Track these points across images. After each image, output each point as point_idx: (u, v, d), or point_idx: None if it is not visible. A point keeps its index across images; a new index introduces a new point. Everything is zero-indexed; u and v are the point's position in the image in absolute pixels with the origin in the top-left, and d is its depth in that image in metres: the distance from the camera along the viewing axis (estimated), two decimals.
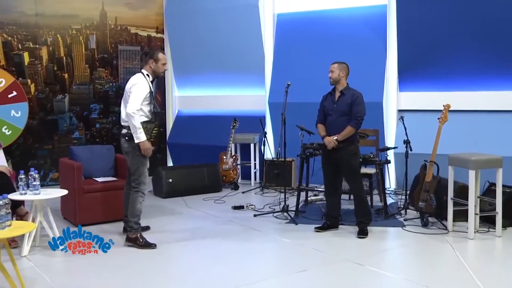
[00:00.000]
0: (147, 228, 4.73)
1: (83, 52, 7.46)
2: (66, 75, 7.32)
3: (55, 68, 7.24)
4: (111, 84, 7.66)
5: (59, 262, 3.93)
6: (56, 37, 7.22)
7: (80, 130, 7.47)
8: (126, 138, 4.22)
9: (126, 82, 4.26)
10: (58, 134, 7.29)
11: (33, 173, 4.01)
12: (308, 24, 7.05)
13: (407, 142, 5.27)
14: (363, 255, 4.08)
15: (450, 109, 4.92)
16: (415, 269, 3.80)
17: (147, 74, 4.29)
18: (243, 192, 6.60)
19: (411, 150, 5.24)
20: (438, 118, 4.89)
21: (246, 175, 7.18)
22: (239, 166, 6.99)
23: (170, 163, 8.08)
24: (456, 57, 5.99)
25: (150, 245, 4.18)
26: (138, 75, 4.28)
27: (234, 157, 6.95)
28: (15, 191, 4.31)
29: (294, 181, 6.70)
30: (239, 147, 7.30)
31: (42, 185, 4.39)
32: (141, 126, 4.08)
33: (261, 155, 7.16)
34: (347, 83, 4.61)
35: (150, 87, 4.23)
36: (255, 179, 7.15)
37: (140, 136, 4.09)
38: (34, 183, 3.99)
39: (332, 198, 4.78)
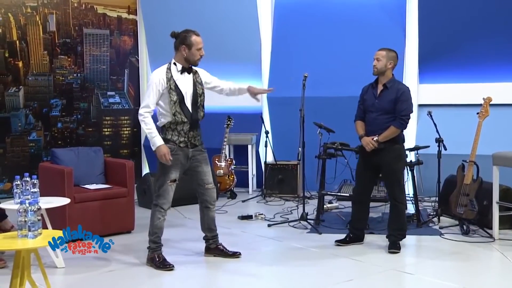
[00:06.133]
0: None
1: (41, 36, 7.43)
2: (20, 64, 7.28)
3: (7, 55, 7.19)
4: (75, 75, 7.60)
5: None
6: (7, 17, 7.16)
7: (38, 131, 7.43)
8: None
9: (93, 72, 4.29)
10: (11, 135, 7.22)
11: (32, 179, 4.06)
12: (313, 7, 7.29)
13: (439, 141, 5.65)
14: (408, 264, 4.44)
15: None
16: (471, 278, 4.15)
17: (174, 63, 4.34)
18: (243, 201, 6.83)
19: (445, 149, 5.63)
20: (478, 113, 5.28)
21: (241, 181, 7.36)
22: (233, 171, 7.19)
23: (146, 170, 8.13)
24: (485, 44, 6.43)
25: (166, 266, 4.29)
26: (162, 66, 4.35)
27: (229, 161, 7.15)
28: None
29: (300, 187, 6.97)
30: (233, 149, 7.50)
31: None
32: (153, 129, 4.21)
33: (259, 158, 7.40)
34: (393, 75, 4.72)
35: (169, 78, 4.24)
36: (253, 186, 7.39)
37: (154, 141, 4.20)
38: (33, 190, 4.03)
39: (360, 207, 4.90)
